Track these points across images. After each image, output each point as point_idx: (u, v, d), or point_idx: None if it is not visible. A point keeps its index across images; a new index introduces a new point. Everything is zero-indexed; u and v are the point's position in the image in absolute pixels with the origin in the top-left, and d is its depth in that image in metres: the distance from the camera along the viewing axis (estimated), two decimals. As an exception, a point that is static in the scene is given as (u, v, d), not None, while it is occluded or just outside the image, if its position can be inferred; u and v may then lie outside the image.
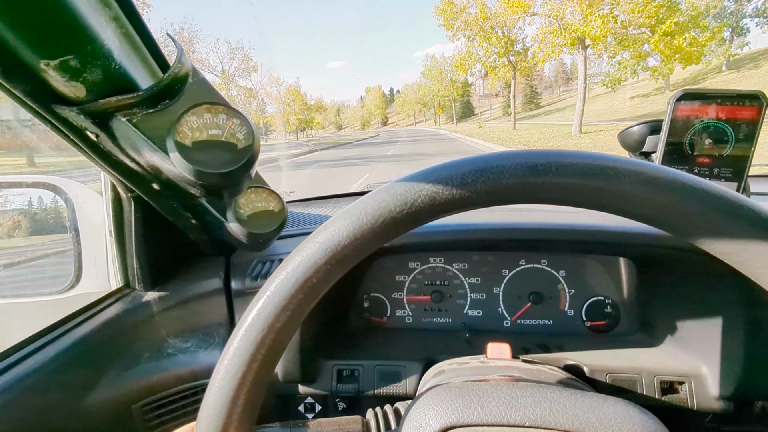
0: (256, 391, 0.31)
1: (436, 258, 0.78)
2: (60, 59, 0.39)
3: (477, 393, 0.35)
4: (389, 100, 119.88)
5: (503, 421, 0.32)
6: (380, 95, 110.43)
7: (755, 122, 0.63)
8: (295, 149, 25.84)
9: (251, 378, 0.30)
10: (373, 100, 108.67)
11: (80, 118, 0.46)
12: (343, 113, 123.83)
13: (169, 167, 0.50)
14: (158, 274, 0.72)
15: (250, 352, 0.30)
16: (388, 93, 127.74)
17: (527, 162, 0.27)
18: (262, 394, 0.33)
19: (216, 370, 0.31)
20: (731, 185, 0.65)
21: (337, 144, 31.98)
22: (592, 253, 0.73)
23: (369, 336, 0.74)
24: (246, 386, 0.31)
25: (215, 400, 0.31)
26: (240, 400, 0.31)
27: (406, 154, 15.25)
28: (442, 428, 0.33)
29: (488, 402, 0.34)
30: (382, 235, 0.29)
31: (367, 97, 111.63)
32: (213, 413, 0.31)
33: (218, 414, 0.31)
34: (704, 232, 0.27)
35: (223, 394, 0.31)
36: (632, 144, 0.81)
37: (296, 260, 0.29)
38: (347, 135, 67.29)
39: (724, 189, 0.27)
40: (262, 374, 0.31)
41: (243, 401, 0.31)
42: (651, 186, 0.27)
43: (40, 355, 0.56)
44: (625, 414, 0.32)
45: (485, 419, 0.33)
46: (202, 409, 0.32)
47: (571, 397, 0.34)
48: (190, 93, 0.50)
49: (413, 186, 0.28)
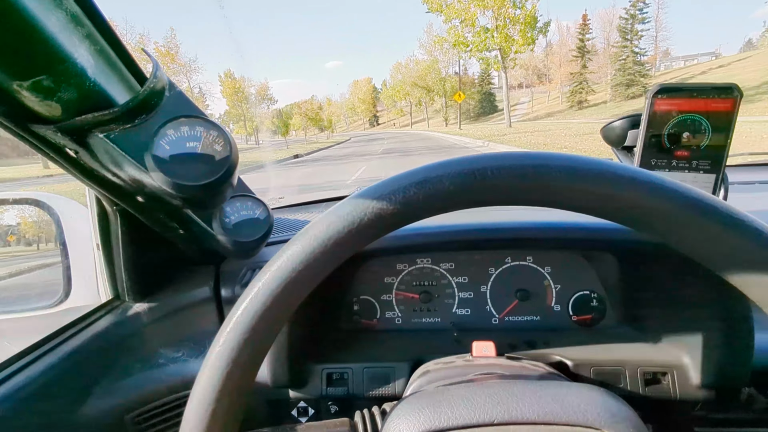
0: (236, 401, 0.32)
1: (424, 259, 0.79)
2: (32, 80, 0.39)
3: (448, 398, 0.36)
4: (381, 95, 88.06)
5: (473, 422, 0.33)
6: (369, 89, 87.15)
7: (730, 114, 0.63)
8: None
9: (230, 389, 0.31)
10: (358, 94, 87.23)
11: (58, 136, 0.46)
12: (326, 111, 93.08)
13: (149, 181, 0.51)
14: (147, 285, 0.73)
15: (226, 366, 0.31)
16: (381, 87, 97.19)
17: (464, 169, 0.29)
18: (243, 403, 0.33)
19: (196, 381, 0.32)
20: (710, 176, 0.66)
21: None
22: (577, 248, 0.74)
23: (359, 338, 0.74)
24: (225, 397, 0.31)
25: (196, 410, 0.31)
26: (220, 410, 0.31)
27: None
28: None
29: (459, 405, 0.35)
30: (335, 256, 0.30)
31: (353, 92, 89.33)
32: (194, 424, 0.31)
33: (199, 424, 0.31)
34: (631, 216, 0.30)
35: (204, 404, 0.31)
36: (614, 139, 0.82)
37: (254, 289, 0.31)
38: (296, 142, 46.43)
39: (633, 168, 0.30)
40: (240, 386, 0.32)
41: (223, 411, 0.32)
42: (579, 178, 0.28)
43: (30, 370, 0.56)
44: (588, 399, 0.33)
45: (456, 423, 0.34)
46: (184, 420, 0.32)
47: (537, 389, 0.35)
48: (167, 107, 0.50)
49: (360, 205, 0.30)
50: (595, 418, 0.32)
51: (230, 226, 0.66)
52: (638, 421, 0.34)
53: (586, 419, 0.32)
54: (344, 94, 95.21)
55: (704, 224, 0.28)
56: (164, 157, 0.48)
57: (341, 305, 0.79)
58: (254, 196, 0.71)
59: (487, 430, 0.33)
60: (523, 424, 0.33)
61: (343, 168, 13.02)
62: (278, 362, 0.60)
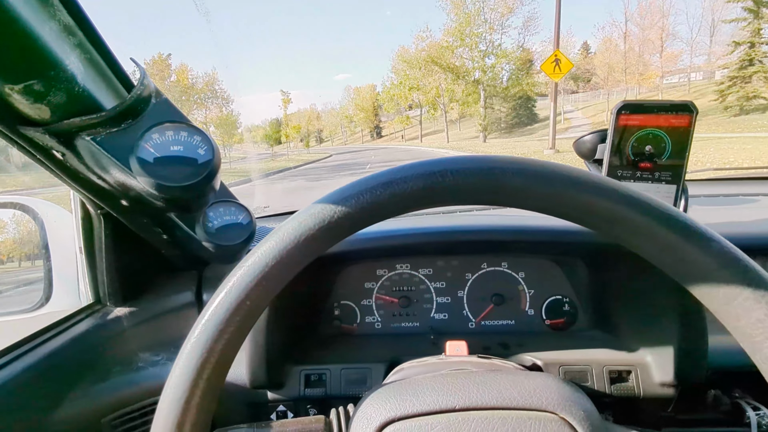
0: (209, 392, 0.33)
1: (403, 264, 0.81)
2: (24, 84, 0.42)
3: (414, 387, 0.38)
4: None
5: (437, 409, 0.35)
6: (372, 96, 71.43)
7: (688, 130, 0.68)
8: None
9: (203, 378, 0.33)
10: (360, 102, 73.55)
11: (46, 138, 0.48)
12: (323, 120, 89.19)
13: (134, 183, 0.52)
14: (129, 290, 0.73)
15: (196, 366, 0.32)
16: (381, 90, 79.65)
17: (425, 171, 0.31)
18: (216, 395, 0.35)
19: (170, 372, 0.33)
20: (671, 187, 0.70)
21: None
22: (548, 254, 0.77)
23: (338, 342, 0.76)
24: (198, 387, 0.33)
25: (169, 398, 0.33)
26: (193, 400, 0.33)
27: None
28: (383, 424, 0.35)
29: (423, 394, 0.37)
30: (307, 252, 0.32)
31: (355, 100, 74.86)
32: (167, 412, 0.33)
33: (171, 412, 0.33)
34: (578, 214, 0.32)
35: (174, 403, 0.33)
36: (585, 152, 0.86)
37: (229, 284, 0.33)
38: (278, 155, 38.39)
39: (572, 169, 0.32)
40: (213, 376, 0.33)
41: (195, 401, 0.33)
42: (529, 178, 0.31)
43: (6, 371, 0.56)
44: (543, 385, 0.36)
45: (420, 410, 0.35)
46: (158, 409, 0.34)
47: (498, 377, 0.37)
48: (153, 112, 0.52)
49: (330, 204, 0.32)
50: (550, 402, 0.34)
51: (213, 231, 0.67)
52: (590, 404, 0.36)
53: (541, 403, 0.34)
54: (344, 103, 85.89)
55: (662, 233, 0.30)
56: (149, 160, 0.50)
57: (322, 310, 0.80)
58: (237, 201, 0.72)
59: (450, 416, 0.35)
60: (483, 410, 0.35)
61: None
62: (257, 363, 0.61)
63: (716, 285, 0.28)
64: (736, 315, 0.28)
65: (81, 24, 0.47)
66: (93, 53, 0.48)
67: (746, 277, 0.27)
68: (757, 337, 0.27)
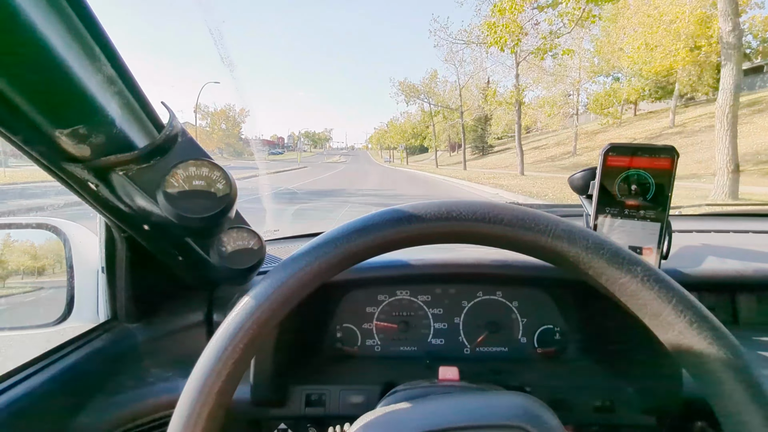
0: (217, 413, 0.38)
1: (403, 291, 0.85)
2: (72, 128, 0.48)
3: (396, 413, 0.42)
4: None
5: None
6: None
7: (669, 171, 0.73)
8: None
9: (211, 402, 0.37)
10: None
11: (84, 173, 0.54)
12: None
13: (157, 211, 0.58)
14: (144, 309, 0.78)
15: (208, 383, 0.37)
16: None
17: (391, 217, 0.38)
18: (223, 416, 0.39)
19: (180, 397, 0.38)
20: (655, 225, 0.74)
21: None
22: (539, 285, 0.81)
23: (339, 363, 0.79)
24: (206, 409, 0.37)
25: (180, 420, 0.37)
26: (201, 421, 0.37)
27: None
28: None
29: (403, 418, 0.41)
30: (292, 298, 0.38)
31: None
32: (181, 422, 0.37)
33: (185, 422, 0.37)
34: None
35: (186, 416, 0.37)
36: (578, 188, 0.91)
37: (239, 309, 0.38)
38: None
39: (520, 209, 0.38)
40: (220, 399, 0.38)
41: (204, 421, 0.37)
42: (485, 222, 0.37)
43: (29, 383, 0.61)
44: (511, 402, 0.39)
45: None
46: (171, 423, 0.38)
47: (471, 398, 0.41)
48: (179, 150, 0.58)
49: (307, 253, 0.38)
50: (518, 418, 0.38)
51: (226, 255, 0.72)
52: (558, 423, 0.39)
53: (510, 419, 0.38)
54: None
55: (598, 264, 0.35)
56: (173, 193, 0.56)
57: (325, 332, 0.84)
58: (250, 228, 0.78)
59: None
60: (457, 429, 0.38)
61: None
62: (261, 382, 0.65)
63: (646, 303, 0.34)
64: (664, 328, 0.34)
65: (121, 74, 0.53)
66: (130, 99, 0.55)
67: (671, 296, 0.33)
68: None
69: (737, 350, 0.32)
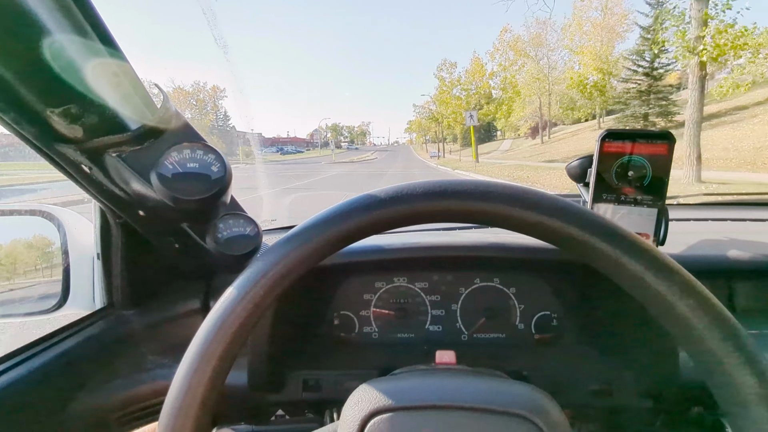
0: (209, 398, 0.38)
1: (400, 278, 0.85)
2: (63, 107, 0.47)
3: (397, 385, 0.42)
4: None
5: (417, 405, 0.39)
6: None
7: (666, 157, 0.73)
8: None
9: (203, 387, 0.37)
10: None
11: (77, 155, 0.54)
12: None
13: (152, 195, 0.58)
14: (140, 296, 0.78)
15: (199, 367, 0.37)
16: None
17: (368, 201, 0.38)
18: (214, 401, 0.39)
19: (173, 381, 0.38)
20: (652, 210, 0.74)
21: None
22: (536, 271, 0.81)
23: (337, 349, 0.79)
24: (199, 390, 0.37)
25: (173, 401, 0.37)
26: (195, 403, 0.37)
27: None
28: (371, 412, 0.39)
29: (406, 391, 0.41)
30: (285, 278, 0.39)
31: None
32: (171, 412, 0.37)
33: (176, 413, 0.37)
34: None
35: (180, 396, 0.37)
36: (576, 176, 0.91)
37: (219, 309, 0.39)
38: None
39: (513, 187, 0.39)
40: (212, 384, 0.37)
41: (198, 403, 0.37)
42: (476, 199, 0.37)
43: (24, 367, 0.61)
44: (518, 391, 0.39)
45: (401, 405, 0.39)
46: (163, 410, 0.38)
47: (477, 381, 0.41)
48: (173, 133, 0.58)
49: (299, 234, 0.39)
50: (524, 406, 0.38)
51: (222, 241, 0.72)
52: (560, 414, 0.39)
53: (514, 406, 0.38)
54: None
55: (602, 248, 0.35)
56: (167, 175, 0.55)
57: (323, 319, 0.84)
58: (246, 214, 0.77)
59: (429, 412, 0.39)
60: (460, 410, 0.38)
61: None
62: (258, 367, 0.65)
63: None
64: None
65: (115, 57, 0.53)
66: (123, 81, 0.54)
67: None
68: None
69: (738, 330, 0.32)
